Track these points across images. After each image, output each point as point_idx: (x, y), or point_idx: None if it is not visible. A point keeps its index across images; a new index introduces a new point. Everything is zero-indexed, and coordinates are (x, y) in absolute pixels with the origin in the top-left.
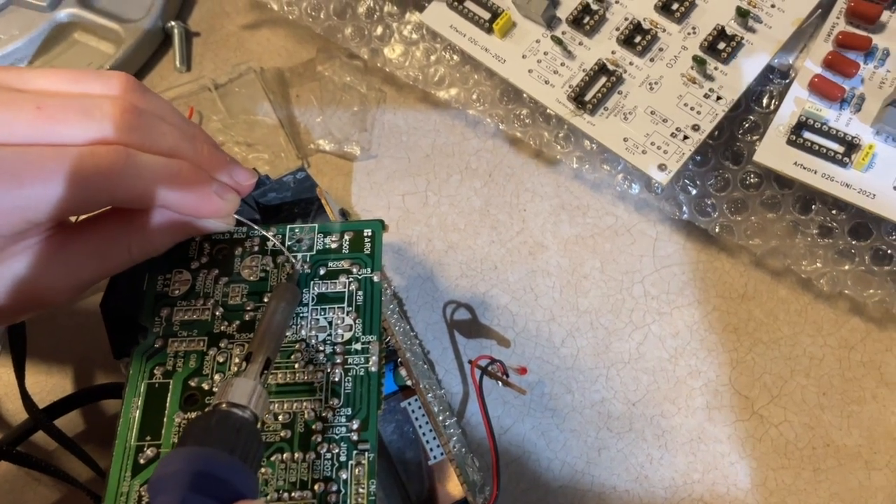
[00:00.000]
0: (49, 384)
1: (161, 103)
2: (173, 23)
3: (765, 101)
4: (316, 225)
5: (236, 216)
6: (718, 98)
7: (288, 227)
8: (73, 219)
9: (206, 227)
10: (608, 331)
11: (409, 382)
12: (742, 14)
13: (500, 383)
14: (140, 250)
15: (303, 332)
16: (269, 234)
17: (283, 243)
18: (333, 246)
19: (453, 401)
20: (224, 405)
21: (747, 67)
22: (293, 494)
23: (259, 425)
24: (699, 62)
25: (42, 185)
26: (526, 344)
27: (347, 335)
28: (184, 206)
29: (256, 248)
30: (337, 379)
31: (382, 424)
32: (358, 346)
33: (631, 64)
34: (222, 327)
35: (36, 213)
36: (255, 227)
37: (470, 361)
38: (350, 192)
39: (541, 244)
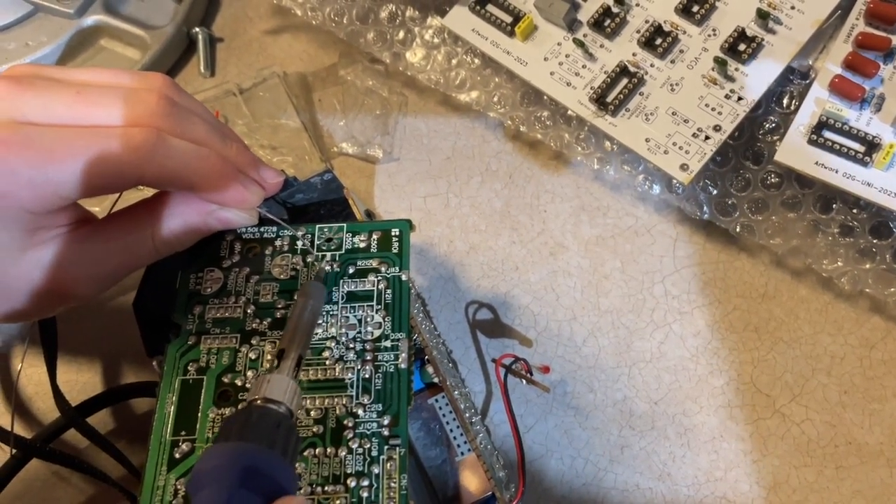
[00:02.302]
0: (80, 382)
1: (195, 102)
2: (197, 29)
3: (785, 101)
4: (345, 224)
5: (266, 213)
6: (739, 99)
7: (317, 226)
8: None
9: (229, 221)
10: (629, 330)
11: (435, 380)
12: (762, 16)
13: (524, 381)
14: (164, 243)
15: (333, 330)
16: (299, 234)
17: (312, 243)
18: (362, 245)
19: (476, 399)
20: (260, 401)
21: (768, 68)
22: (326, 489)
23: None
24: (720, 63)
25: (73, 161)
26: (548, 343)
27: (377, 333)
28: (209, 190)
29: (286, 248)
30: (367, 376)
31: (409, 422)
32: (387, 344)
33: (652, 66)
34: (254, 325)
35: (68, 188)
36: (285, 225)
37: (494, 360)
38: (372, 195)
39: (561, 245)
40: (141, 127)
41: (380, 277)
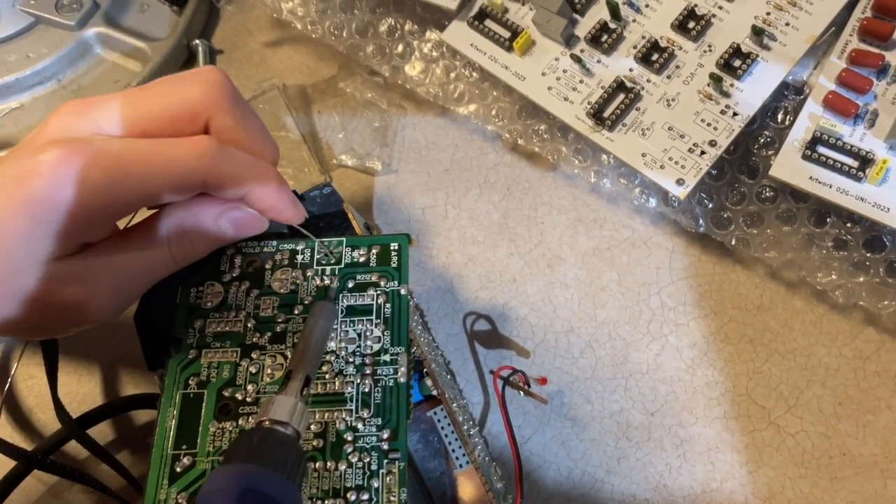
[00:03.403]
0: (80, 394)
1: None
2: (198, 41)
3: (780, 116)
4: (344, 239)
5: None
6: (734, 114)
7: (317, 240)
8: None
9: (241, 221)
10: (626, 342)
11: (434, 392)
12: (757, 32)
13: (521, 393)
14: (181, 252)
15: (332, 344)
16: (319, 244)
17: (311, 256)
18: (361, 259)
19: (474, 411)
20: (267, 422)
21: (762, 84)
22: (326, 502)
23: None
24: (715, 79)
25: (142, 167)
26: (545, 355)
27: (376, 347)
28: (267, 202)
29: (286, 262)
30: (367, 390)
31: (408, 433)
32: (387, 358)
33: (648, 81)
34: (254, 339)
35: (135, 195)
36: (310, 235)
37: (492, 372)
38: (371, 206)
39: (559, 256)
40: (202, 136)
41: (379, 291)
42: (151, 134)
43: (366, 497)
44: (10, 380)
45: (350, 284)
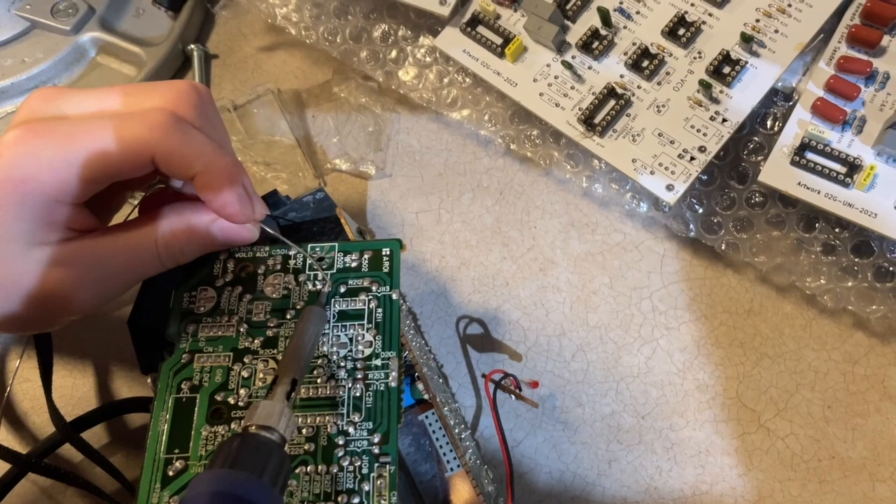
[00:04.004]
0: (75, 397)
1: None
2: (193, 46)
3: (769, 122)
4: (336, 244)
5: (269, 230)
6: (724, 120)
7: (309, 245)
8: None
9: (232, 231)
10: (617, 345)
11: (426, 396)
12: (746, 39)
13: (513, 397)
14: (168, 254)
15: (325, 349)
16: (310, 255)
17: (304, 262)
18: (353, 264)
19: (467, 414)
20: (253, 427)
21: (752, 90)
22: None
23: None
24: (705, 86)
25: (91, 142)
26: (537, 358)
27: (368, 351)
28: (213, 187)
29: (279, 267)
30: (358, 394)
31: (400, 437)
32: (378, 362)
33: (639, 87)
34: (247, 343)
35: (87, 170)
36: (294, 245)
37: (484, 375)
38: (365, 211)
39: (551, 261)
40: (158, 109)
41: (371, 296)
42: None
43: (356, 500)
44: (8, 389)
45: (342, 289)
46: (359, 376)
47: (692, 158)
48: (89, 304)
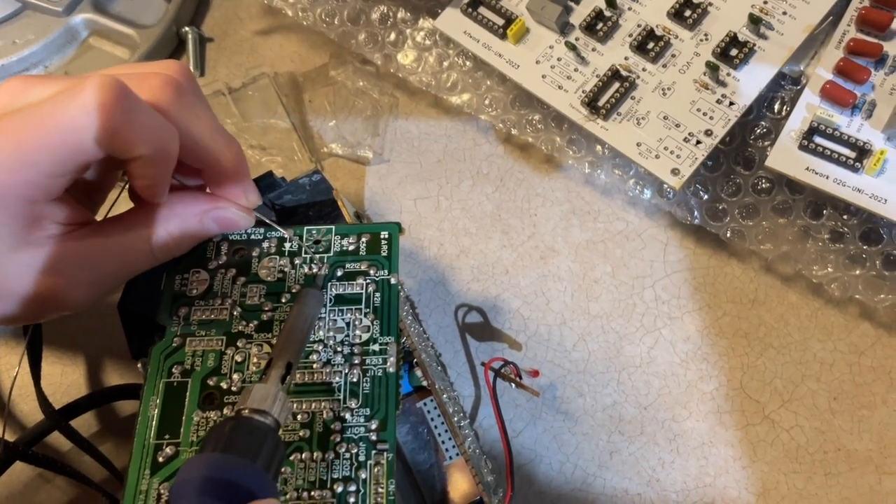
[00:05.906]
0: (64, 385)
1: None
2: (187, 28)
3: (776, 106)
4: (333, 227)
5: (262, 217)
6: (731, 104)
7: (305, 228)
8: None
9: (227, 220)
10: (619, 335)
11: (424, 383)
12: (754, 21)
13: (513, 385)
14: (161, 247)
15: (321, 333)
16: (290, 235)
17: (300, 245)
18: (351, 248)
19: (465, 403)
20: (246, 411)
21: (759, 73)
22: (313, 493)
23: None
24: (712, 68)
25: (39, 134)
26: (537, 347)
27: (365, 336)
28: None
29: (274, 250)
30: (355, 380)
31: (397, 425)
32: (376, 348)
33: (644, 70)
34: (240, 327)
35: (45, 167)
36: (279, 228)
37: (483, 363)
38: (362, 197)
39: (552, 249)
40: (103, 80)
41: (369, 280)
42: None
43: (353, 488)
44: (9, 396)
45: (339, 273)
46: (356, 361)
47: (698, 142)
48: (82, 302)
